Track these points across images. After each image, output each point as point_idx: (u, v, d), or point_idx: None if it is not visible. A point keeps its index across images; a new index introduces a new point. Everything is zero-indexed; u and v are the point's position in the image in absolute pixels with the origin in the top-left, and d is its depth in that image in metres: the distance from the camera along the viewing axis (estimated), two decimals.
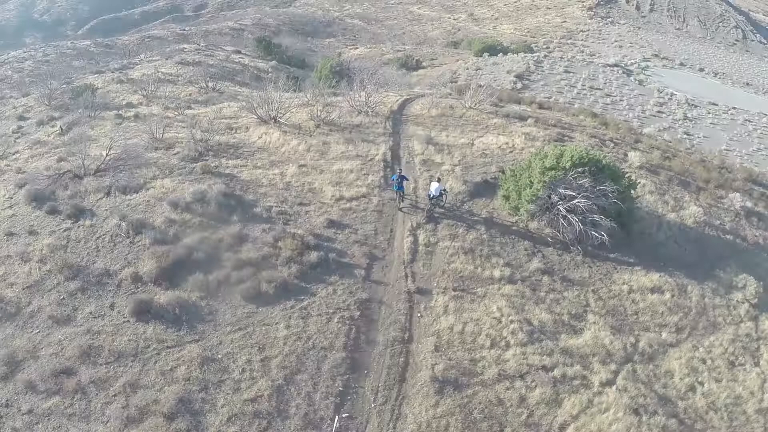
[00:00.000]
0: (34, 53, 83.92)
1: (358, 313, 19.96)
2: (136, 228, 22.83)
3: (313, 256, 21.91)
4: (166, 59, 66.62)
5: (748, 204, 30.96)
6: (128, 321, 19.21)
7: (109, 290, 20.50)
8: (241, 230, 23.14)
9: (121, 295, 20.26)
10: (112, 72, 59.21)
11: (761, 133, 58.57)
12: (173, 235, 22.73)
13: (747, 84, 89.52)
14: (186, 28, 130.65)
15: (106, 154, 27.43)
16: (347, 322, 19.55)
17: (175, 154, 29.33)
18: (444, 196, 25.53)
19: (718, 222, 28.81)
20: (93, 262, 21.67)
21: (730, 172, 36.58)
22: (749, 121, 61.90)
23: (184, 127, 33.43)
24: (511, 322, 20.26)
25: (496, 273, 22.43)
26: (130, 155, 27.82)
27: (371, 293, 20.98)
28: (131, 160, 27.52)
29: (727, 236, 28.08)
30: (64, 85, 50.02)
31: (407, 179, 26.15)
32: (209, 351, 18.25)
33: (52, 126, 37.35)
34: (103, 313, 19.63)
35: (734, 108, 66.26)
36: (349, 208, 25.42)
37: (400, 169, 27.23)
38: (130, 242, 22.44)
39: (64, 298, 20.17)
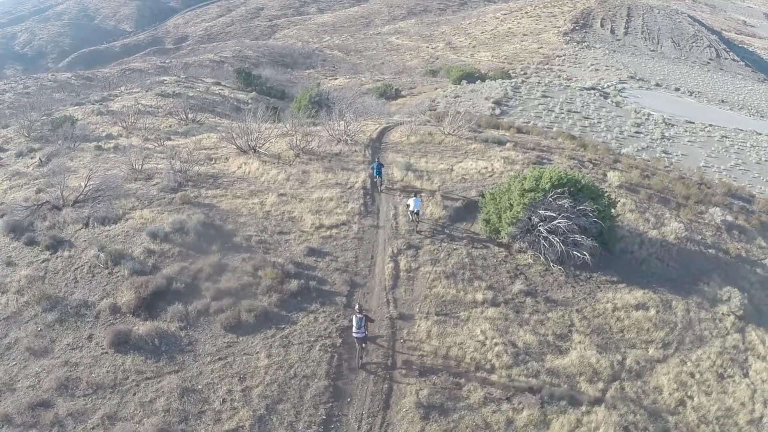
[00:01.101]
0: (14, 85, 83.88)
1: (340, 341, 19.65)
2: (114, 259, 22.52)
3: (294, 284, 21.66)
4: (147, 91, 66.75)
5: (729, 218, 31.29)
6: (107, 352, 18.81)
7: (88, 321, 20.13)
8: (221, 260, 22.88)
9: (100, 326, 19.88)
10: (93, 104, 59.22)
11: (738, 148, 59.50)
12: (152, 265, 22.44)
13: (722, 101, 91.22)
14: (167, 61, 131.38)
15: (85, 185, 27.22)
16: (329, 349, 19.24)
17: (154, 184, 29.16)
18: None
19: (700, 237, 29.01)
20: (71, 294, 21.33)
21: (709, 187, 37.02)
22: (726, 137, 62.88)
23: (163, 158, 33.33)
24: (496, 344, 20.05)
25: (479, 296, 22.29)
26: (109, 186, 27.60)
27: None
28: (110, 191, 27.31)
29: (710, 250, 28.25)
30: (44, 117, 49.83)
31: (383, 166, 30.42)
32: (189, 382, 17.86)
33: (31, 157, 37.19)
34: (81, 344, 19.24)
35: (711, 125, 67.32)
36: (330, 235, 25.28)
37: (378, 158, 32.14)
38: (109, 273, 22.11)
39: (41, 330, 19.77)
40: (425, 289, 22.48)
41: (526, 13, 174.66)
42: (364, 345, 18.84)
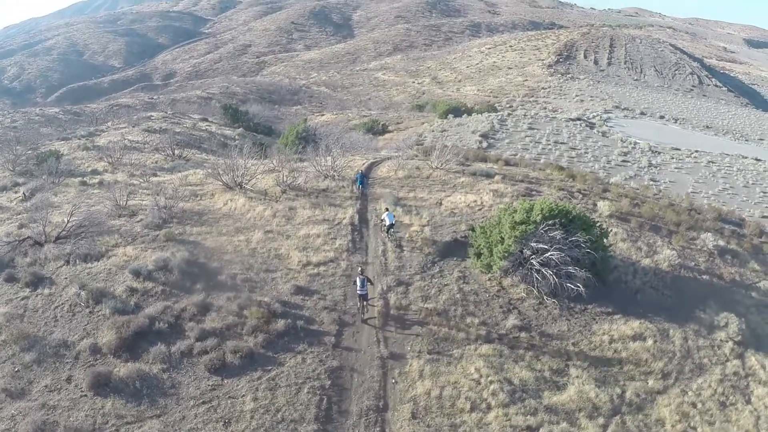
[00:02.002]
0: (2, 119, 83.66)
1: (329, 382, 18.96)
2: (95, 297, 21.92)
3: (281, 324, 21.02)
4: (133, 127, 66.59)
5: (721, 243, 31.08)
6: (86, 395, 18.06)
7: (67, 362, 19.40)
8: (205, 299, 22.24)
9: (79, 367, 19.15)
10: (79, 139, 59.00)
11: (725, 173, 59.77)
12: (134, 304, 21.83)
13: (707, 127, 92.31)
14: (154, 97, 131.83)
15: (68, 221, 26.72)
16: (318, 392, 18.52)
17: (138, 221, 28.64)
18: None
19: (693, 263, 28.71)
20: (50, 333, 20.64)
21: (699, 213, 36.91)
22: (712, 162, 63.22)
23: (148, 194, 32.86)
24: (491, 382, 19.42)
25: (472, 333, 21.71)
26: (93, 222, 27.14)
27: (342, 361, 20.03)
28: (93, 227, 26.83)
29: (704, 276, 27.92)
30: (30, 151, 49.34)
31: (367, 177, 32.77)
32: (171, 427, 17.09)
33: (15, 192, 36.65)
34: (59, 386, 18.50)
35: (697, 151, 67.75)
36: (317, 273, 24.71)
37: (361, 170, 34.55)
38: (90, 312, 21.47)
39: (18, 371, 19.04)
40: (417, 326, 21.89)
41: (511, 46, 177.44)
42: (366, 302, 21.71)
